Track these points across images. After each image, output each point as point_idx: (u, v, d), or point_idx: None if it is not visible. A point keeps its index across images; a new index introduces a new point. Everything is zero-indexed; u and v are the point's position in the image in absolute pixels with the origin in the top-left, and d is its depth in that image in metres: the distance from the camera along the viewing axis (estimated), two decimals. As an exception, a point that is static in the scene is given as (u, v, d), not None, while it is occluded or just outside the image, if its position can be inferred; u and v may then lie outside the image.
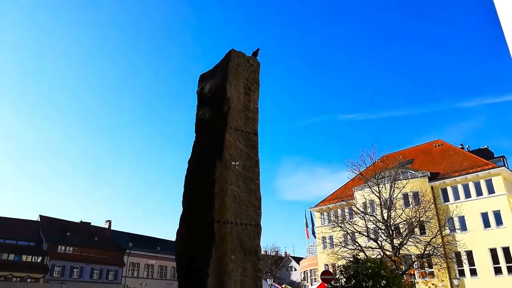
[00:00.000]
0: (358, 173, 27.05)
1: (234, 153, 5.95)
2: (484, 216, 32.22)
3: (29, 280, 42.42)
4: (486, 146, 42.02)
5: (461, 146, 40.95)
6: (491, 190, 32.59)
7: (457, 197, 34.19)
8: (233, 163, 5.87)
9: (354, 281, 4.93)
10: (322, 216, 42.86)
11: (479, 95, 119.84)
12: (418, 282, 25.20)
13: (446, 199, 34.76)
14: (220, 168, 5.64)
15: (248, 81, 6.60)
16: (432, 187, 35.06)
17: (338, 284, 5.05)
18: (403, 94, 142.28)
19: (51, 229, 51.85)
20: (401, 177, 31.30)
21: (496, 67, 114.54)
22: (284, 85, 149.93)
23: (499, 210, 31.44)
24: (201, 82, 7.10)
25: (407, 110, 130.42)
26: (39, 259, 47.35)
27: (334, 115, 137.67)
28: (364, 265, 5.04)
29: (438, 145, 41.50)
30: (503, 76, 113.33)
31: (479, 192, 33.17)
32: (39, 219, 53.49)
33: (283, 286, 44.00)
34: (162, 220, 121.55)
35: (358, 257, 4.83)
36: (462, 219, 32.21)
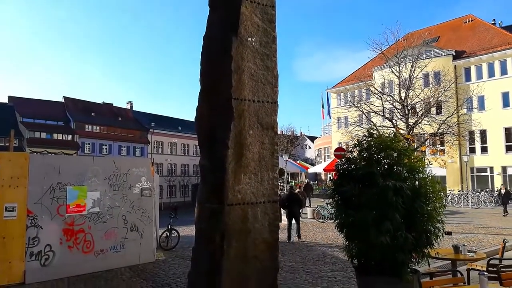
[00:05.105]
0: (380, 52, 26.02)
1: (251, 28, 5.68)
2: (505, 95, 31.79)
3: (62, 155, 45.80)
4: (520, 21, 39.06)
5: (493, 22, 38.16)
6: (517, 69, 31.49)
7: (479, 76, 33.28)
8: (249, 39, 5.64)
9: (366, 153, 5.17)
10: (339, 97, 42.97)
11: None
12: (428, 158, 26.19)
13: (468, 78, 33.91)
14: (236, 44, 5.45)
15: None
16: (455, 66, 33.94)
17: (350, 156, 5.34)
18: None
19: (76, 110, 54.06)
20: (424, 56, 30.09)
21: None
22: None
23: (522, 90, 30.91)
24: None
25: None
26: (70, 137, 50.52)
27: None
28: (377, 140, 5.22)
29: (468, 21, 38.74)
30: None
31: (503, 71, 32.13)
32: (63, 100, 55.33)
33: (298, 162, 46.66)
34: (181, 102, 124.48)
35: (372, 131, 4.97)
36: (481, 99, 31.90)
